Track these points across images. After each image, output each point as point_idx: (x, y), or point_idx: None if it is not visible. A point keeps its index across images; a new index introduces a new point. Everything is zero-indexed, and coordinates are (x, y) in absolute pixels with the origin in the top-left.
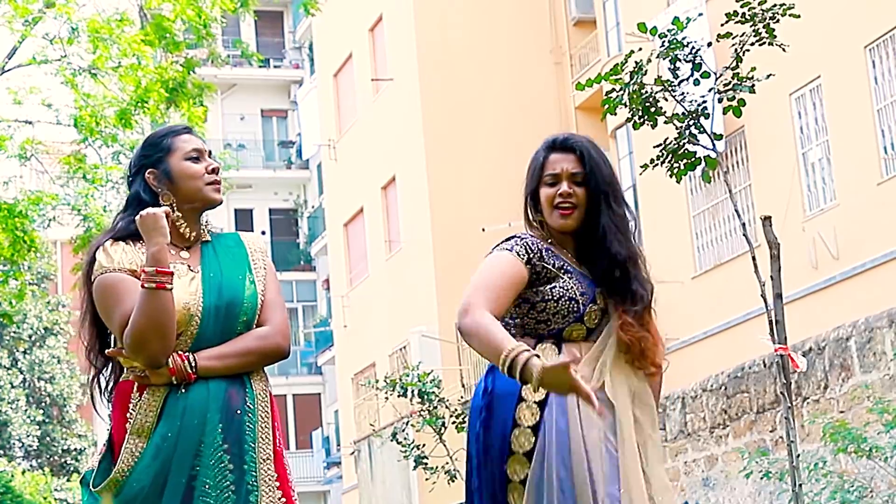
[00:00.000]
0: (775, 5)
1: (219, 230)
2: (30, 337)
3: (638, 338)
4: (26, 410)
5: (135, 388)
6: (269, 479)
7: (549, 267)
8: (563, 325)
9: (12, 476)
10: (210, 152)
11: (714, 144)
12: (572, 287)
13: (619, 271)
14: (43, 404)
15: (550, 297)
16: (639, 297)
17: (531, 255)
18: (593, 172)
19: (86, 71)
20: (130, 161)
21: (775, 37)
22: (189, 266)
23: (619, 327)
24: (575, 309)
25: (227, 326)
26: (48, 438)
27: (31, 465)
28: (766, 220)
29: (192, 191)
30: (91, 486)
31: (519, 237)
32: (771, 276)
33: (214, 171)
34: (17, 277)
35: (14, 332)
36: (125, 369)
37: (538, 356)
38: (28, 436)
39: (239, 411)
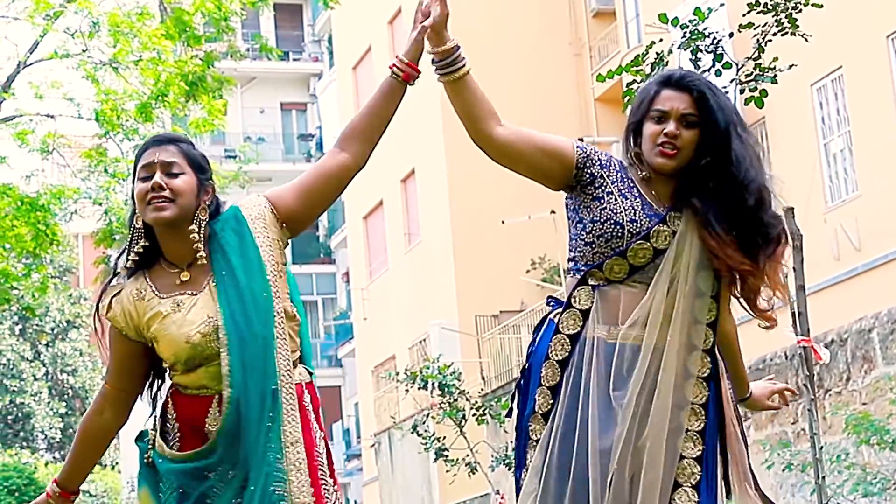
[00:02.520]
0: None
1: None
2: (52, 330)
3: (744, 270)
4: (49, 403)
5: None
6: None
7: (601, 178)
8: (604, 252)
9: (35, 468)
10: (169, 163)
11: None
12: (621, 212)
13: (753, 199)
14: (65, 396)
15: (598, 217)
16: (770, 231)
17: (588, 162)
18: (711, 116)
19: (107, 65)
20: None
21: (797, 27)
22: (188, 292)
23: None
24: (618, 234)
25: (256, 333)
26: (71, 430)
27: (53, 457)
28: (789, 211)
29: (141, 213)
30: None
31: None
32: (793, 268)
33: (156, 186)
34: (40, 271)
35: (37, 325)
36: None
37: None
38: (51, 428)
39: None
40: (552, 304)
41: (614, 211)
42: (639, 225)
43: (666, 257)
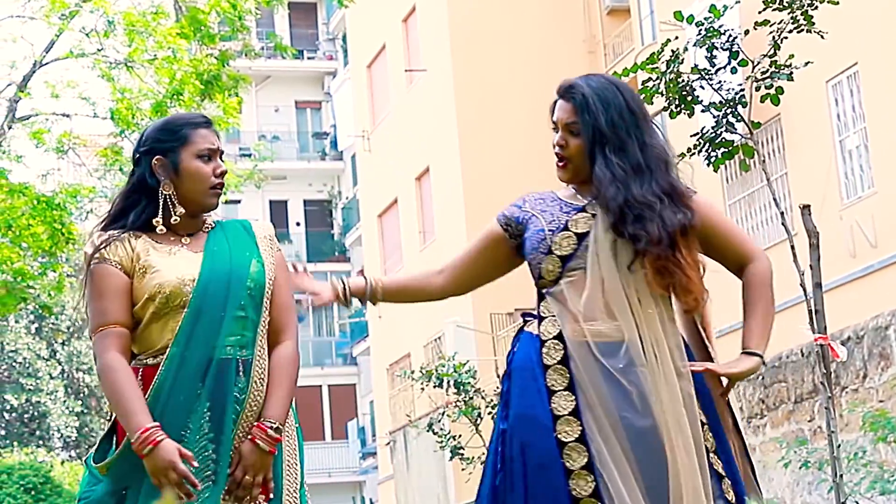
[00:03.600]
0: None
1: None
2: (68, 328)
3: (669, 283)
4: (65, 401)
5: (138, 374)
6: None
7: (522, 214)
8: (538, 260)
9: (51, 466)
10: (222, 152)
11: (752, 132)
12: (541, 223)
13: (613, 217)
14: (81, 395)
15: (527, 238)
16: (643, 238)
17: (509, 218)
18: (586, 123)
19: (122, 64)
20: (141, 135)
21: (813, 23)
22: (186, 248)
23: (651, 277)
24: (541, 237)
25: (231, 293)
26: (87, 429)
27: (69, 456)
28: (805, 208)
29: (194, 192)
30: (92, 463)
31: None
32: (810, 265)
33: (222, 174)
34: (56, 269)
35: (53, 324)
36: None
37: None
38: (67, 426)
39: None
40: (527, 318)
41: (536, 225)
42: (557, 222)
43: (592, 236)
